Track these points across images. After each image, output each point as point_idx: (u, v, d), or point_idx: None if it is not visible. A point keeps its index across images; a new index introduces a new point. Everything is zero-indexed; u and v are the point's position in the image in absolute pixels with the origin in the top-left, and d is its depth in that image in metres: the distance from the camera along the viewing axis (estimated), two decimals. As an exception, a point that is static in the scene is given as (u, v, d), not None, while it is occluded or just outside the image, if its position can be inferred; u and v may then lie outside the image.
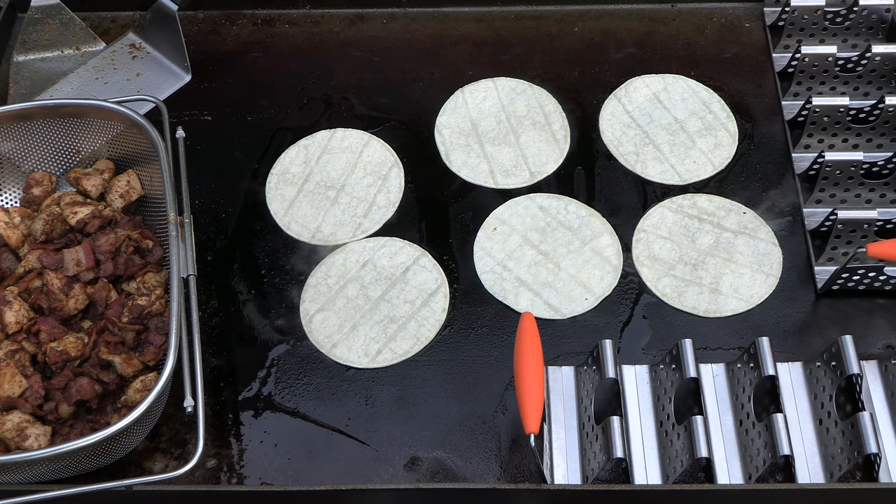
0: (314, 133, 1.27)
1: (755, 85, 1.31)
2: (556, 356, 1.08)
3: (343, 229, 1.19)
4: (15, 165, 1.16)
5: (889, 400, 1.03)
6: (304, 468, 1.02)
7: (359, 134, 1.27)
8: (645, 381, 1.05)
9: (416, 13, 1.39)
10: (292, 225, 1.20)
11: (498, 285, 1.14)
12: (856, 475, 0.98)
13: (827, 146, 1.22)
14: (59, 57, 1.35)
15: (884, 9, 1.28)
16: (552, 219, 1.19)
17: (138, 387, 1.00)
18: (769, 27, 1.36)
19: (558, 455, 1.00)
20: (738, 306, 1.12)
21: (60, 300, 1.04)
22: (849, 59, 1.25)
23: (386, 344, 1.10)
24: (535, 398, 0.90)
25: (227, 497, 1.00)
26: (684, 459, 0.97)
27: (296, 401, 1.06)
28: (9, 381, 0.99)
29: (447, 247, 1.17)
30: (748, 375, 1.01)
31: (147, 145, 1.12)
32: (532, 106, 1.29)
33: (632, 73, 1.32)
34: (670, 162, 1.23)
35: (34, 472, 0.95)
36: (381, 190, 1.22)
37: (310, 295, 1.14)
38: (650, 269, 1.15)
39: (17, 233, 1.11)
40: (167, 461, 1.02)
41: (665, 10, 1.39)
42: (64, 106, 1.15)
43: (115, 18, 1.40)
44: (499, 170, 1.23)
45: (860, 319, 1.11)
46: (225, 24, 1.39)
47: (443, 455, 1.03)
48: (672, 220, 1.18)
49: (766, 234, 1.17)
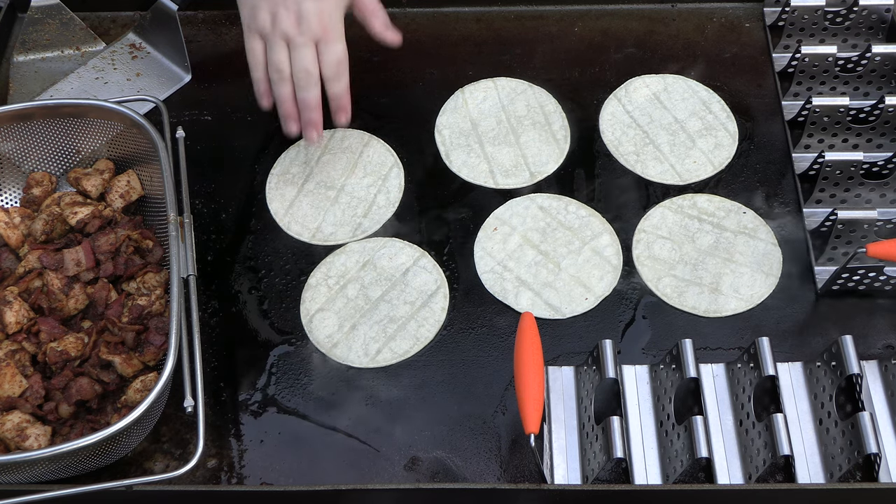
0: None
1: (755, 85, 1.31)
2: (556, 356, 1.08)
3: (343, 229, 1.19)
4: (15, 165, 1.16)
5: (889, 400, 1.03)
6: (305, 468, 1.02)
7: (359, 134, 1.27)
8: (645, 381, 1.05)
9: (416, 13, 1.39)
10: (292, 225, 1.20)
11: (498, 285, 1.14)
12: (856, 475, 0.98)
13: (827, 146, 1.22)
14: (59, 57, 1.35)
15: (884, 9, 1.28)
16: (552, 219, 1.19)
17: (138, 387, 1.00)
18: (769, 27, 1.36)
19: (558, 455, 1.00)
20: (738, 306, 1.12)
21: (60, 300, 1.04)
22: (849, 59, 1.25)
23: (386, 344, 1.10)
24: (535, 398, 0.90)
25: (228, 497, 1.00)
26: (684, 459, 0.97)
27: (296, 401, 1.07)
28: (9, 381, 0.99)
29: (447, 247, 1.17)
30: (748, 375, 1.01)
31: (147, 145, 1.12)
32: (532, 106, 1.29)
33: (632, 73, 1.32)
34: (670, 162, 1.23)
35: (34, 472, 0.95)
36: (381, 190, 1.22)
37: (310, 295, 1.14)
38: (650, 269, 1.15)
39: (17, 233, 1.11)
40: (167, 461, 1.02)
41: (665, 10, 1.39)
42: (64, 106, 1.15)
43: (115, 18, 1.39)
44: (499, 170, 1.23)
45: (860, 319, 1.11)
46: (225, 24, 1.38)
47: (443, 455, 1.03)
48: (672, 220, 1.18)
49: (766, 234, 1.17)
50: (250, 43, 1.14)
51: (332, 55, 1.13)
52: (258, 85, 1.16)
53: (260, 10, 1.12)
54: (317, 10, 1.11)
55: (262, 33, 1.13)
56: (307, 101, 1.14)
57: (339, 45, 1.13)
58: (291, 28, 1.11)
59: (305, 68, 1.12)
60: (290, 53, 1.12)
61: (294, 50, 1.12)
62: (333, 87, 1.15)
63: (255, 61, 1.15)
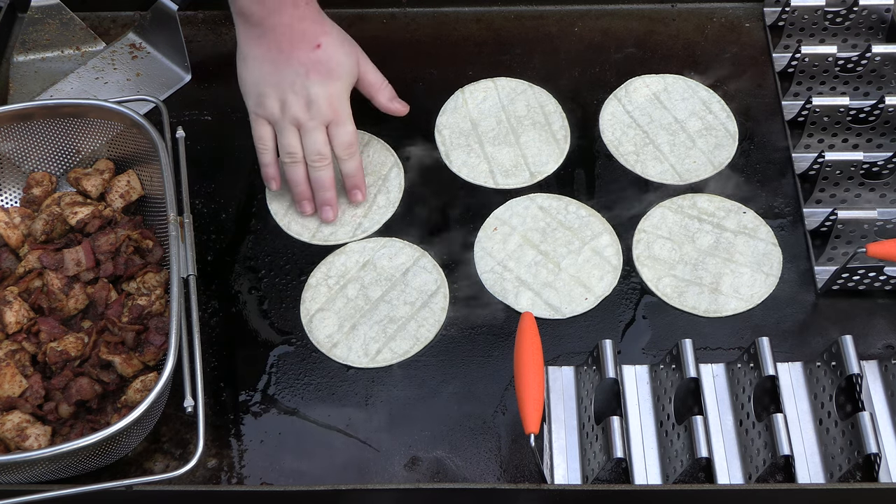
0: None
1: (755, 85, 1.31)
2: (556, 356, 1.08)
3: (343, 229, 1.19)
4: (15, 165, 1.16)
5: (889, 400, 1.03)
6: (305, 468, 1.02)
7: (358, 134, 1.27)
8: (645, 381, 1.05)
9: (416, 13, 1.39)
10: (292, 225, 1.20)
11: (498, 285, 1.14)
12: (856, 475, 0.98)
13: (827, 146, 1.22)
14: (59, 57, 1.35)
15: (884, 9, 1.28)
16: (552, 219, 1.19)
17: (138, 387, 1.00)
18: (769, 27, 1.36)
19: (558, 455, 1.00)
20: (739, 306, 1.12)
21: (60, 300, 1.04)
22: (849, 59, 1.25)
23: (386, 344, 1.10)
24: (535, 398, 0.90)
25: (228, 497, 1.00)
26: (684, 459, 0.97)
27: (296, 401, 1.07)
28: (9, 381, 0.99)
29: (447, 247, 1.17)
30: (748, 375, 1.01)
31: (147, 145, 1.12)
32: (532, 106, 1.29)
33: (632, 73, 1.32)
34: (670, 162, 1.23)
35: (34, 472, 0.95)
36: (381, 190, 1.22)
37: (310, 295, 1.14)
38: (650, 269, 1.15)
39: (17, 233, 1.11)
40: (167, 461, 1.02)
41: (665, 10, 1.39)
42: (64, 106, 1.15)
43: (115, 18, 1.39)
44: (499, 170, 1.23)
45: (860, 319, 1.11)
46: (225, 24, 1.38)
47: (443, 455, 1.03)
48: (672, 220, 1.18)
49: (766, 234, 1.17)
50: (259, 130, 1.16)
51: (344, 136, 1.15)
52: (268, 169, 1.18)
53: (267, 98, 1.13)
54: (326, 95, 1.13)
55: (272, 120, 1.15)
56: (322, 182, 1.16)
57: (349, 126, 1.15)
58: (302, 113, 1.13)
59: (318, 151, 1.14)
60: (301, 137, 1.14)
61: (306, 134, 1.14)
62: (347, 166, 1.17)
63: (265, 146, 1.17)
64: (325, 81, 1.13)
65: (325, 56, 1.12)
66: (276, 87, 1.13)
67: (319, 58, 1.12)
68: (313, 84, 1.12)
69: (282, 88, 1.13)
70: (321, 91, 1.12)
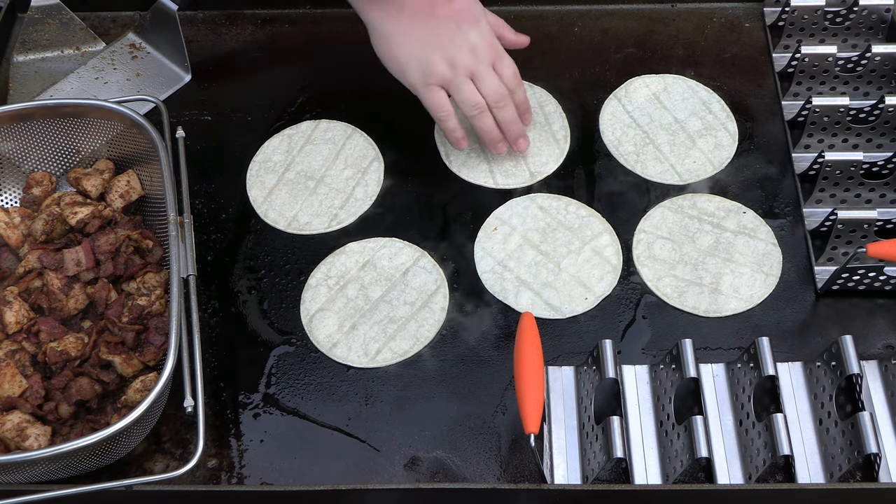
0: (299, 123, 1.27)
1: (755, 85, 1.31)
2: (556, 356, 1.08)
3: (319, 219, 1.19)
4: (15, 165, 1.16)
5: (889, 400, 1.03)
6: (304, 468, 1.02)
7: (342, 126, 1.27)
8: (645, 381, 1.05)
9: (416, 13, 1.39)
10: (269, 212, 1.20)
11: (498, 285, 1.14)
12: (856, 475, 0.98)
13: (827, 146, 1.22)
14: (59, 57, 1.35)
15: (884, 9, 1.28)
16: (552, 219, 1.19)
17: (138, 387, 1.00)
18: (769, 27, 1.36)
19: (558, 455, 1.00)
20: (738, 306, 1.12)
21: (60, 300, 1.04)
22: (849, 59, 1.25)
23: (386, 344, 1.10)
24: (535, 398, 0.90)
25: (228, 497, 1.00)
26: (684, 459, 0.97)
27: (296, 401, 1.07)
28: (9, 381, 0.99)
29: (447, 247, 1.17)
30: (748, 375, 1.01)
31: (147, 145, 1.12)
32: (532, 106, 1.28)
33: (632, 73, 1.32)
34: (670, 162, 1.23)
35: (34, 472, 0.95)
36: (359, 183, 1.22)
37: (310, 295, 1.14)
38: (650, 269, 1.15)
39: (17, 233, 1.11)
40: (167, 461, 1.02)
41: (665, 10, 1.39)
42: (64, 106, 1.15)
43: (115, 18, 1.39)
44: (499, 170, 1.23)
45: (860, 319, 1.11)
46: (225, 24, 1.38)
47: (443, 455, 1.03)
48: (672, 220, 1.18)
49: (766, 234, 1.17)
50: (435, 98, 1.17)
51: (510, 68, 1.19)
52: (455, 133, 1.19)
53: (434, 64, 1.15)
54: (482, 37, 1.16)
55: (444, 82, 1.16)
56: (509, 118, 1.19)
57: (509, 58, 1.19)
58: (471, 62, 1.16)
59: (497, 90, 1.17)
60: (476, 86, 1.17)
61: (481, 81, 1.16)
62: (518, 96, 1.20)
63: (446, 112, 1.18)
64: (475, 26, 1.16)
65: (462, 5, 1.16)
66: (438, 49, 1.15)
67: (459, 7, 1.15)
68: (469, 32, 1.15)
69: (444, 48, 1.15)
70: (477, 36, 1.16)
